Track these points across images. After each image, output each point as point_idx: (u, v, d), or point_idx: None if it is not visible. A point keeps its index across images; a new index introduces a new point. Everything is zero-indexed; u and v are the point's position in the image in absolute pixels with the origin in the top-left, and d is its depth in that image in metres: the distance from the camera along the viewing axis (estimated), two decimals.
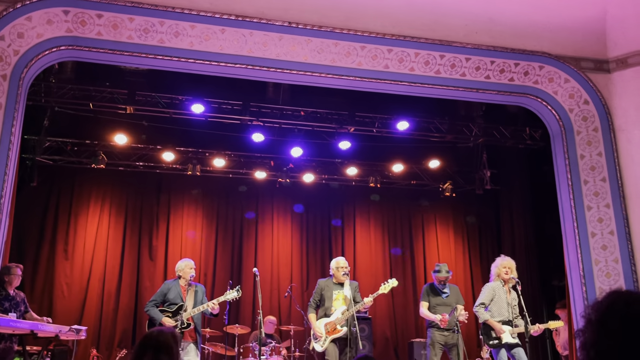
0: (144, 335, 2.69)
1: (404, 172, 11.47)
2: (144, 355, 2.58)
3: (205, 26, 6.64)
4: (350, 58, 7.10)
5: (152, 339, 2.63)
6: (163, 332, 2.68)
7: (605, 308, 1.83)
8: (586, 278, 6.90)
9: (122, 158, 10.47)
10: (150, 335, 2.67)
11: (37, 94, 8.87)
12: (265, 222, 11.62)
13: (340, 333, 6.51)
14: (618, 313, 1.79)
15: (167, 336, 2.65)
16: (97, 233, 10.56)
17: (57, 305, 9.98)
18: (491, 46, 7.25)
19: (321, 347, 6.53)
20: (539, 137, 10.33)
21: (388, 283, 6.87)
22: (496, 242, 12.19)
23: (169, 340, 2.63)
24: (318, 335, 6.58)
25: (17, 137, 6.34)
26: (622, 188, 7.11)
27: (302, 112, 9.91)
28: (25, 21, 6.18)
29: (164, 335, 2.65)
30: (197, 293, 6.91)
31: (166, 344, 2.62)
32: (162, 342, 2.61)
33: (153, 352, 2.58)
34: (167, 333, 2.67)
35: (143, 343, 2.65)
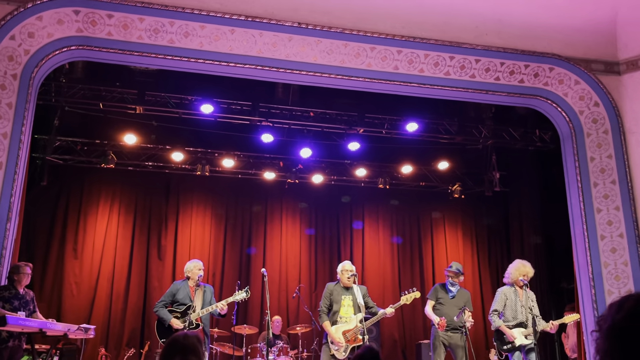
0: (172, 339, 2.79)
1: (413, 174, 11.45)
2: (173, 357, 2.69)
3: (215, 26, 6.66)
4: (360, 59, 7.10)
5: (179, 342, 2.74)
6: (188, 335, 2.79)
7: (626, 312, 1.76)
8: (595, 281, 6.87)
9: (132, 158, 10.51)
10: (177, 338, 2.78)
11: (47, 94, 8.92)
12: (274, 223, 11.63)
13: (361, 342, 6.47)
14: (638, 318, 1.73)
15: (193, 339, 2.76)
16: (106, 232, 10.61)
17: (66, 304, 10.03)
18: (501, 48, 7.23)
19: (342, 355, 6.48)
20: (549, 139, 10.28)
21: (410, 294, 6.80)
22: (505, 244, 12.14)
23: (195, 343, 2.75)
24: (337, 344, 6.52)
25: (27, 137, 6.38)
26: (632, 191, 7.07)
27: (312, 113, 9.91)
28: (35, 21, 6.23)
29: (190, 338, 2.76)
30: (206, 293, 6.92)
31: (193, 346, 2.73)
32: (189, 344, 2.73)
33: (181, 354, 2.68)
34: (192, 336, 2.79)
35: (171, 346, 2.75)
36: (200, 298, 6.84)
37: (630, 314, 1.74)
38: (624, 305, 1.77)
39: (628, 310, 1.74)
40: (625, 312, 1.75)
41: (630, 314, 1.74)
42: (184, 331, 2.97)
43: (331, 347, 6.52)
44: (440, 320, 6.91)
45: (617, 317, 1.75)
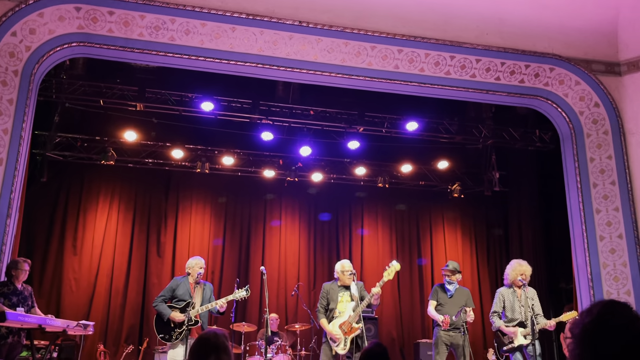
0: (202, 338, 2.78)
1: (412, 173, 11.46)
2: (207, 357, 2.69)
3: (216, 24, 6.67)
4: (361, 58, 7.10)
5: (211, 340, 2.74)
6: (218, 334, 2.79)
7: (594, 317, 1.82)
8: (594, 281, 6.88)
9: (132, 155, 10.52)
10: (208, 337, 2.77)
11: (48, 90, 8.92)
12: (273, 221, 11.64)
13: (358, 331, 6.47)
14: (608, 324, 1.79)
15: (223, 337, 2.77)
16: (105, 229, 10.62)
17: (65, 300, 10.04)
18: (502, 47, 7.23)
19: (343, 349, 6.48)
20: (549, 140, 10.29)
21: (390, 267, 6.75)
22: (504, 243, 12.15)
23: (225, 342, 2.76)
24: (336, 338, 6.53)
25: (28, 133, 6.39)
26: (631, 191, 7.07)
27: (312, 112, 9.91)
28: (37, 17, 6.23)
29: (220, 337, 2.76)
30: (205, 291, 6.92)
31: (224, 345, 2.74)
32: (220, 343, 2.74)
33: (215, 353, 2.70)
34: (221, 334, 2.79)
35: (203, 345, 2.75)
36: (199, 295, 6.84)
37: (598, 318, 1.80)
38: (593, 310, 1.83)
39: (596, 314, 1.81)
40: (594, 316, 1.81)
41: (598, 318, 1.80)
42: (213, 329, 2.95)
43: (331, 345, 6.53)
44: (445, 318, 6.91)
45: (586, 322, 1.81)
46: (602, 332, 1.79)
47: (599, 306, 1.85)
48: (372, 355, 3.57)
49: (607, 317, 1.81)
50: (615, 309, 1.84)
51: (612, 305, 1.85)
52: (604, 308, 1.84)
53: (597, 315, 1.83)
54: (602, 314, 1.83)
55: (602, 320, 1.81)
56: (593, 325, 1.81)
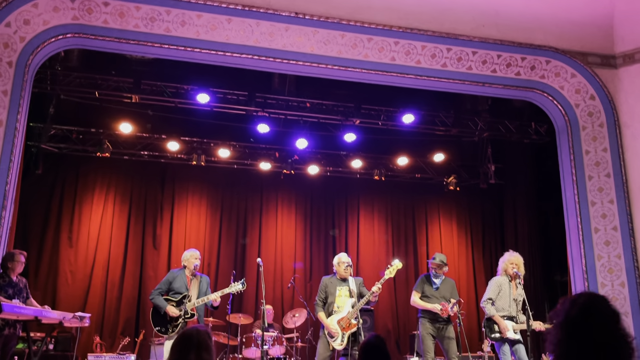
0: (185, 335, 2.80)
1: (408, 165, 11.47)
2: (187, 354, 2.71)
3: (212, 15, 6.64)
4: (357, 50, 7.09)
5: (192, 338, 2.76)
6: (200, 331, 2.81)
7: (580, 308, 1.94)
8: (589, 273, 6.91)
9: (127, 147, 10.49)
10: (190, 334, 2.79)
11: (42, 82, 8.88)
12: (269, 213, 11.64)
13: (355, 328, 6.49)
14: (594, 316, 1.91)
15: (205, 335, 2.80)
16: (101, 221, 10.60)
17: (61, 292, 10.03)
18: (498, 40, 7.23)
19: (340, 345, 6.50)
20: (545, 132, 10.31)
21: (392, 266, 6.81)
22: (499, 236, 12.19)
23: (207, 340, 2.78)
24: (334, 333, 6.54)
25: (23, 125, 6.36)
26: (626, 184, 7.10)
27: (308, 104, 9.90)
28: (31, 8, 6.19)
29: (203, 335, 2.79)
30: (202, 284, 6.92)
31: (205, 343, 2.76)
32: (202, 341, 2.76)
33: (196, 351, 2.72)
34: (203, 332, 2.82)
35: (185, 342, 2.77)
36: (196, 288, 6.85)
37: (583, 309, 1.93)
38: (578, 301, 1.95)
39: (581, 305, 1.93)
40: (579, 307, 1.93)
41: (583, 309, 1.93)
42: (196, 326, 2.96)
43: (329, 339, 6.55)
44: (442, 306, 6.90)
45: (572, 312, 1.94)
46: (586, 322, 1.90)
47: (583, 298, 1.97)
48: (370, 347, 3.59)
49: (593, 309, 1.92)
50: (599, 302, 1.96)
51: (595, 299, 1.97)
52: (588, 299, 1.95)
53: (582, 306, 1.93)
54: (588, 306, 1.93)
55: (588, 312, 1.92)
56: (579, 315, 1.92)
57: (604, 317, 1.89)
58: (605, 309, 1.92)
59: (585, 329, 1.88)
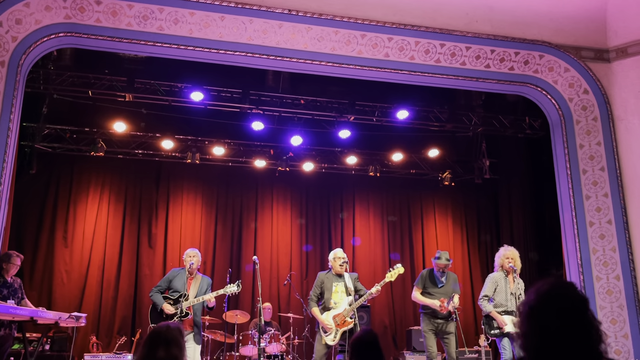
0: (154, 332, 2.84)
1: (403, 161, 11.48)
2: (157, 350, 2.73)
3: (205, 13, 6.62)
4: (351, 46, 7.08)
5: (162, 334, 2.79)
6: (170, 327, 2.84)
7: (539, 295, 1.89)
8: (584, 267, 6.93)
9: (121, 146, 10.46)
10: (160, 330, 2.82)
11: (35, 81, 8.84)
12: (264, 211, 11.63)
13: (351, 325, 6.50)
14: (552, 305, 1.85)
15: (175, 331, 2.82)
16: (96, 221, 10.57)
17: (56, 292, 10.00)
18: (491, 35, 7.23)
19: (332, 340, 6.51)
20: (539, 127, 10.33)
21: (394, 269, 6.82)
22: (495, 230, 12.22)
23: (177, 335, 2.81)
24: (328, 329, 6.55)
25: (16, 125, 6.33)
26: (620, 177, 7.12)
27: (302, 101, 9.89)
28: (23, 7, 6.16)
29: (173, 330, 2.82)
30: (202, 284, 6.90)
31: (175, 339, 2.79)
32: (171, 337, 2.78)
33: (165, 347, 2.74)
34: (174, 328, 2.85)
35: (154, 338, 2.79)
36: (195, 287, 6.84)
37: (542, 296, 1.87)
38: (539, 289, 1.90)
39: (541, 292, 1.88)
40: (538, 294, 1.88)
41: (542, 296, 1.87)
42: (167, 322, 3.00)
43: (322, 334, 6.56)
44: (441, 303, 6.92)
45: (532, 300, 1.89)
46: (545, 309, 1.85)
47: (545, 285, 1.91)
48: (362, 343, 3.53)
49: (554, 296, 1.87)
50: (562, 289, 1.90)
51: (558, 286, 1.91)
52: (549, 286, 1.90)
53: (542, 293, 1.89)
54: (547, 292, 1.88)
55: (545, 298, 1.87)
56: (537, 302, 1.87)
57: (567, 304, 1.84)
58: (569, 296, 1.87)
59: (547, 316, 1.82)
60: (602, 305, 6.77)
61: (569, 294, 1.87)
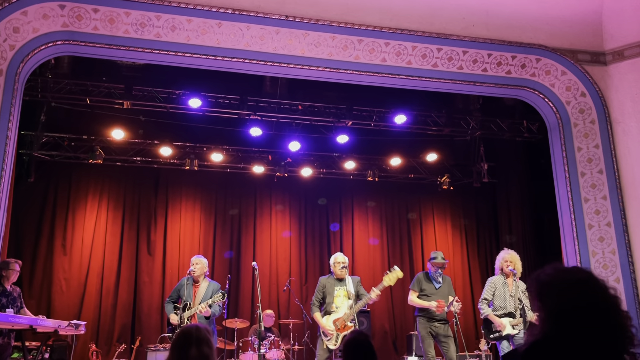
0: (184, 331, 2.90)
1: (401, 166, 11.48)
2: (189, 349, 2.80)
3: (202, 20, 6.63)
4: (348, 52, 7.09)
5: (192, 333, 2.86)
6: (200, 328, 2.92)
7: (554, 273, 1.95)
8: None
9: (120, 153, 10.46)
10: (190, 330, 2.89)
11: (33, 89, 8.84)
12: (263, 217, 11.62)
13: (352, 329, 6.48)
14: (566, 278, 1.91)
15: (204, 331, 2.90)
16: (95, 228, 10.55)
17: (55, 300, 9.98)
18: (488, 39, 7.25)
19: (334, 344, 6.49)
20: (536, 130, 10.34)
21: (392, 272, 6.77)
22: (494, 234, 12.22)
23: (207, 335, 2.88)
24: (329, 333, 6.53)
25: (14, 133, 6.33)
26: (618, 180, 7.13)
27: (300, 106, 9.90)
28: (20, 16, 6.16)
29: (202, 331, 2.89)
30: (207, 291, 6.88)
31: (206, 338, 2.86)
32: (202, 336, 2.86)
33: (196, 346, 2.81)
34: (202, 328, 2.92)
35: (185, 338, 2.86)
36: (200, 295, 6.82)
37: (556, 273, 1.96)
38: (547, 269, 1.99)
39: (553, 272, 1.97)
40: (551, 272, 1.97)
41: (556, 273, 1.96)
42: (195, 323, 3.08)
43: (323, 339, 6.55)
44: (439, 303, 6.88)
45: (543, 277, 2.00)
46: (562, 285, 1.90)
47: (549, 267, 1.99)
48: (355, 343, 3.51)
49: (564, 273, 1.94)
50: (569, 268, 1.98)
51: (561, 265, 2.00)
52: (555, 266, 1.98)
53: (554, 272, 1.96)
54: (559, 271, 1.95)
55: (560, 275, 1.94)
56: (551, 278, 1.94)
57: (578, 279, 1.87)
58: (578, 272, 1.90)
59: (560, 290, 1.86)
60: None
61: (579, 271, 1.93)
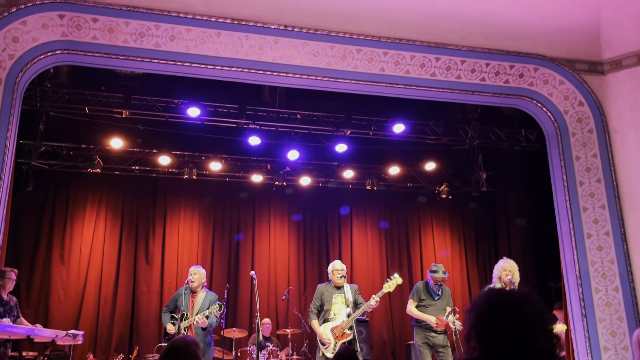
0: (173, 346, 2.91)
1: (400, 175, 11.49)
2: None
3: (201, 29, 6.64)
4: (346, 61, 7.10)
5: (181, 349, 2.87)
6: (189, 342, 2.93)
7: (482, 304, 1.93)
8: (582, 279, 6.91)
9: (118, 162, 10.45)
10: (178, 345, 2.90)
11: (32, 99, 8.85)
12: (262, 226, 11.61)
13: (350, 337, 6.46)
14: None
15: (193, 345, 2.91)
16: (93, 237, 10.53)
17: (53, 310, 9.94)
18: (486, 48, 7.26)
19: (331, 353, 6.47)
20: (535, 139, 10.36)
21: (392, 280, 6.78)
22: (492, 243, 12.21)
23: (195, 349, 2.89)
24: (326, 342, 6.51)
25: (13, 142, 6.32)
26: (617, 189, 7.12)
27: (299, 115, 9.91)
28: (20, 25, 6.17)
29: (191, 345, 2.90)
30: (204, 301, 6.86)
31: (194, 353, 2.87)
32: (191, 351, 2.87)
33: None
34: (191, 342, 2.93)
35: (173, 353, 2.87)
36: (197, 305, 6.80)
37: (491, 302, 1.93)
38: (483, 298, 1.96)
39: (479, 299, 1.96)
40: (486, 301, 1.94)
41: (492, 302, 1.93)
42: (184, 336, 3.04)
43: (320, 347, 6.53)
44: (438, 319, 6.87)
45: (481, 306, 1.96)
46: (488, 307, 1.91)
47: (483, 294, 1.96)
48: (342, 357, 3.68)
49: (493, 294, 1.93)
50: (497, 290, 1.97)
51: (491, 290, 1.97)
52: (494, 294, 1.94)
53: (484, 293, 1.95)
54: (489, 292, 1.94)
55: (488, 296, 1.93)
56: (480, 299, 1.95)
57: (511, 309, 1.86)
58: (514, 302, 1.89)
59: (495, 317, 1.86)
60: (602, 318, 6.74)
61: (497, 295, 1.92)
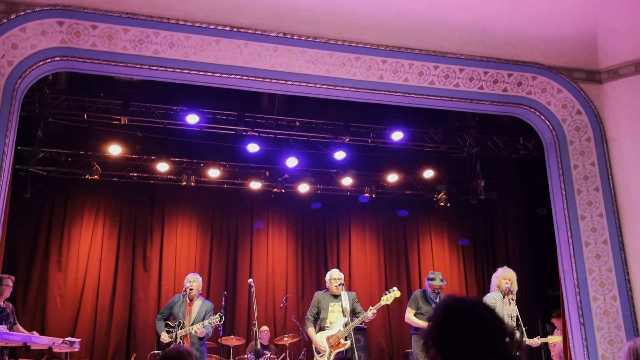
0: (166, 356, 2.95)
1: (398, 182, 11.50)
2: None
3: (200, 37, 6.65)
4: (345, 69, 7.12)
5: (173, 358, 2.91)
6: (181, 352, 2.95)
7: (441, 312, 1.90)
8: (580, 287, 6.91)
9: (116, 169, 10.45)
10: (172, 356, 2.94)
11: (31, 105, 8.86)
12: (260, 233, 11.60)
13: (346, 346, 6.45)
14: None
15: (186, 355, 2.94)
16: (91, 244, 10.51)
17: (50, 317, 9.91)
18: (484, 57, 7.29)
19: None
20: (533, 147, 10.38)
21: (390, 293, 6.79)
22: (490, 251, 12.21)
23: (188, 359, 2.93)
24: (321, 350, 6.50)
25: (11, 148, 6.32)
26: (615, 197, 7.13)
27: (297, 123, 9.92)
28: (19, 32, 6.18)
29: (184, 355, 2.93)
30: (200, 310, 6.82)
31: None
32: None
33: None
34: (184, 352, 2.96)
35: None
36: (193, 314, 6.76)
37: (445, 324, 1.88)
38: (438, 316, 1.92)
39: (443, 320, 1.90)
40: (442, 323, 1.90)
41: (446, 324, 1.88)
42: (177, 346, 3.07)
43: (316, 355, 6.52)
44: None
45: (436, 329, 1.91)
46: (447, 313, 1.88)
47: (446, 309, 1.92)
48: None
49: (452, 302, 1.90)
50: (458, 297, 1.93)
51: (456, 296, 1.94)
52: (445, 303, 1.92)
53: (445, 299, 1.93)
54: (449, 299, 1.92)
55: (448, 303, 1.90)
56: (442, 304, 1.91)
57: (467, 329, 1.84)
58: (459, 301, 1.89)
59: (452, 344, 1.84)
60: (600, 326, 6.74)
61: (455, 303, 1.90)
